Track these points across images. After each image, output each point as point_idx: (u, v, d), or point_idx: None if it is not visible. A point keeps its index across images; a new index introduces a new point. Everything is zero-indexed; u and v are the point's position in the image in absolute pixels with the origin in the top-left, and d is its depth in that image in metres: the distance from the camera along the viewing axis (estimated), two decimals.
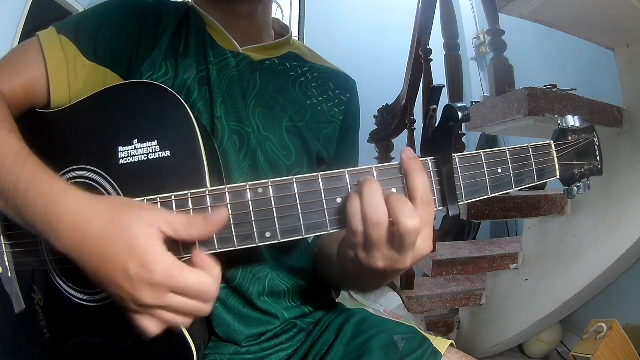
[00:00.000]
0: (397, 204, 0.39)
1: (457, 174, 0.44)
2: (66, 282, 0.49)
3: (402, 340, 0.57)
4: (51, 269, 0.50)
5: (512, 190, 0.45)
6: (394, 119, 1.88)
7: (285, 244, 0.43)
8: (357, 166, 0.74)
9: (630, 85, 1.27)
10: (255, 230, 0.42)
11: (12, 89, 0.52)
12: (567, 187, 0.50)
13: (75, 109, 0.51)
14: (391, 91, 1.97)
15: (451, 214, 0.42)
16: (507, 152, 0.46)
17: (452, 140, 0.40)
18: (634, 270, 1.48)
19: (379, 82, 2.49)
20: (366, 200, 0.39)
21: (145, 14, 0.60)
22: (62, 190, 0.41)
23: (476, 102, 1.62)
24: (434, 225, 0.43)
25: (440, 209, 0.44)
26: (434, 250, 1.55)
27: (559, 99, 1.15)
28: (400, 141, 1.92)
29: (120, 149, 0.46)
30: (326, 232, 0.42)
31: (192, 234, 0.40)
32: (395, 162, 0.43)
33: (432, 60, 1.65)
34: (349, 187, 0.42)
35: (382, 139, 1.94)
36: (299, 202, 0.42)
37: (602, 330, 1.22)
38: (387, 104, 1.98)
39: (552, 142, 0.49)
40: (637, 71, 1.25)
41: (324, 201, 0.42)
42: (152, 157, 0.45)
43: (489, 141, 2.70)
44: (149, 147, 0.45)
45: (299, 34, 3.48)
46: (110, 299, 0.46)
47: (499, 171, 0.45)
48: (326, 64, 0.74)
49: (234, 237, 0.42)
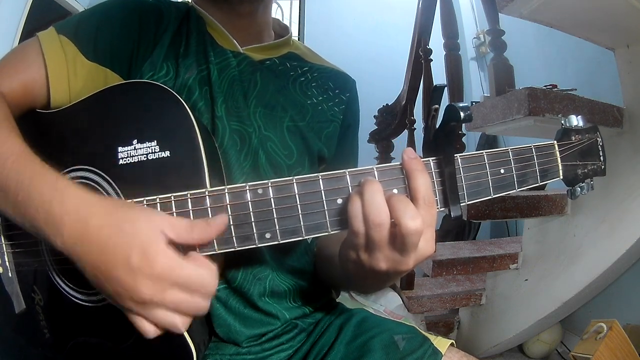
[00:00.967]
0: (398, 205, 0.38)
1: (459, 174, 0.43)
2: (66, 282, 0.49)
3: (403, 340, 0.57)
4: (51, 269, 0.50)
5: (514, 191, 0.45)
6: (394, 119, 1.88)
7: (285, 244, 0.43)
8: (357, 164, 0.75)
9: (630, 85, 1.27)
10: (255, 231, 0.42)
11: (11, 89, 0.52)
12: (571, 188, 0.50)
13: (74, 109, 0.51)
14: (391, 91, 1.97)
15: (453, 215, 0.42)
16: (510, 152, 0.45)
17: (454, 140, 0.40)
18: (634, 270, 1.48)
19: (379, 82, 2.49)
20: (367, 201, 0.39)
21: (146, 13, 0.59)
22: (66, 186, 0.41)
23: (476, 102, 1.62)
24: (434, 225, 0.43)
25: (442, 209, 0.43)
26: (433, 252, 1.55)
27: (559, 99, 1.15)
28: (400, 141, 1.92)
29: (119, 149, 0.46)
30: (327, 234, 0.42)
31: (193, 238, 0.40)
32: (396, 163, 0.43)
33: (432, 60, 1.65)
34: (350, 187, 0.42)
35: (382, 139, 1.94)
36: (299, 202, 0.41)
37: (602, 330, 1.22)
38: (387, 104, 1.98)
39: (555, 142, 0.48)
40: (637, 71, 1.25)
41: (325, 202, 0.42)
42: (151, 157, 0.45)
43: (489, 141, 2.70)
44: (149, 147, 0.45)
45: (299, 34, 3.48)
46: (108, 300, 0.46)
47: (502, 171, 0.45)
48: (326, 64, 0.74)
49: (234, 238, 0.42)
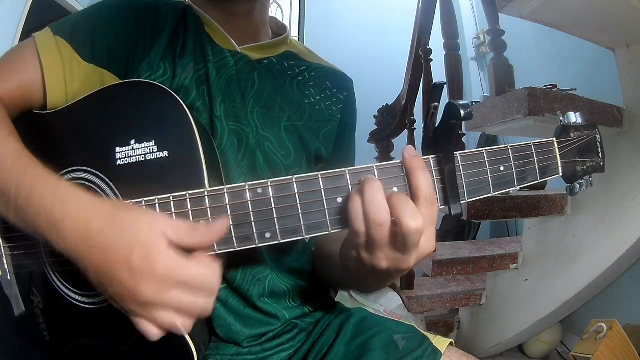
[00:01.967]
0: (399, 204, 0.38)
1: (459, 172, 0.43)
2: (65, 284, 0.49)
3: (402, 339, 0.57)
4: (50, 271, 0.50)
5: (514, 188, 0.45)
6: (394, 119, 1.88)
7: (284, 244, 0.42)
8: (354, 163, 0.75)
9: (630, 85, 1.27)
10: (254, 231, 0.41)
11: (8, 91, 0.52)
12: (570, 185, 0.50)
13: (72, 110, 0.51)
14: (391, 91, 1.97)
15: (453, 213, 0.42)
16: (510, 149, 0.45)
17: (454, 138, 0.40)
18: (634, 270, 1.48)
19: (379, 82, 2.49)
20: (367, 200, 0.39)
21: (143, 13, 0.59)
22: (67, 189, 0.41)
23: (476, 102, 1.62)
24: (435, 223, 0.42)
25: (442, 207, 0.43)
26: (434, 250, 1.55)
27: (559, 99, 1.15)
28: (400, 141, 1.92)
29: (117, 149, 0.45)
30: (327, 233, 0.42)
31: (194, 241, 0.39)
32: (396, 161, 0.43)
33: (432, 60, 1.64)
34: (350, 186, 0.42)
35: (382, 139, 1.94)
36: (299, 202, 0.41)
37: (602, 330, 1.21)
38: (387, 104, 1.98)
39: (554, 139, 0.48)
40: (637, 71, 1.25)
41: (325, 201, 0.41)
42: (149, 157, 0.45)
43: (488, 141, 2.70)
44: (147, 147, 0.45)
45: (299, 34, 3.48)
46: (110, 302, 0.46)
47: (502, 169, 0.45)
48: (323, 63, 0.74)
49: (234, 238, 0.41)
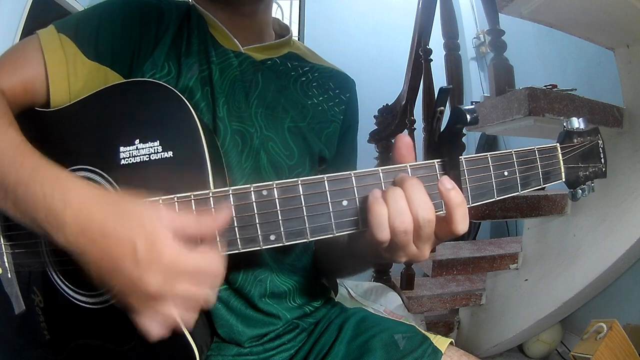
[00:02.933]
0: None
1: (463, 176, 0.43)
2: (67, 283, 0.49)
3: (403, 339, 0.57)
4: (51, 270, 0.50)
5: (517, 193, 0.45)
6: (394, 119, 1.87)
7: (288, 245, 0.42)
8: (356, 165, 0.75)
9: (630, 85, 1.28)
10: (259, 233, 0.41)
11: (11, 86, 0.52)
12: (572, 190, 0.50)
13: (75, 108, 0.51)
14: (391, 91, 1.97)
15: None
16: (514, 154, 0.45)
17: (459, 143, 0.40)
18: (634, 270, 1.48)
19: (379, 82, 2.49)
20: (392, 208, 0.39)
21: (146, 12, 0.59)
22: (67, 179, 0.40)
23: (476, 102, 1.62)
24: None
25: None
26: (434, 250, 1.55)
27: (559, 99, 1.15)
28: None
29: (121, 149, 0.45)
30: (332, 236, 0.42)
31: (199, 230, 0.39)
32: (400, 165, 0.43)
33: (432, 60, 1.64)
34: (355, 189, 0.42)
35: (382, 139, 1.93)
36: (304, 204, 0.41)
37: (602, 330, 1.22)
38: (387, 104, 1.97)
39: (558, 144, 0.49)
40: (637, 71, 1.25)
41: (330, 204, 0.42)
42: (154, 157, 0.44)
43: (489, 141, 2.71)
44: (151, 147, 0.45)
45: (299, 34, 3.48)
46: (111, 301, 0.46)
47: (505, 174, 0.45)
48: (326, 64, 0.74)
49: (238, 239, 0.41)
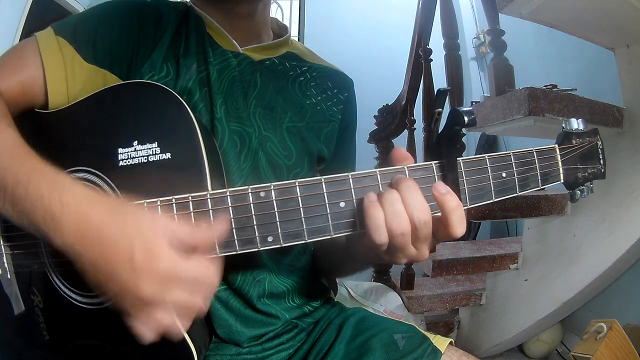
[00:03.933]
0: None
1: (461, 177, 0.43)
2: (65, 284, 0.49)
3: (402, 338, 0.57)
4: (51, 271, 0.50)
5: (516, 194, 0.45)
6: (394, 119, 1.87)
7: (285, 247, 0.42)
8: (355, 164, 0.75)
9: (630, 85, 1.27)
10: (257, 234, 0.41)
11: (9, 88, 0.52)
12: (571, 191, 0.50)
13: (74, 109, 0.51)
14: (391, 91, 1.97)
15: None
16: (512, 156, 0.45)
17: (458, 145, 0.40)
18: (634, 270, 1.48)
19: (379, 82, 2.49)
20: (389, 212, 0.39)
21: (144, 14, 0.59)
22: (65, 182, 0.40)
23: (476, 102, 1.62)
24: None
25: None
26: (434, 250, 1.55)
27: (559, 99, 1.15)
28: (400, 141, 1.92)
29: (119, 150, 0.45)
30: (329, 237, 0.42)
31: (195, 240, 0.39)
32: (397, 167, 0.43)
33: (432, 60, 1.64)
34: (352, 190, 0.42)
35: (382, 139, 1.93)
36: (301, 206, 0.41)
37: (602, 330, 1.22)
38: (387, 104, 1.97)
39: (556, 145, 0.49)
40: (637, 71, 1.25)
41: (327, 205, 0.42)
42: (152, 159, 0.45)
43: (489, 141, 2.71)
44: (149, 148, 0.45)
45: (299, 34, 3.48)
46: (106, 304, 0.46)
47: (504, 175, 0.45)
48: (324, 63, 0.74)
49: (236, 241, 0.41)
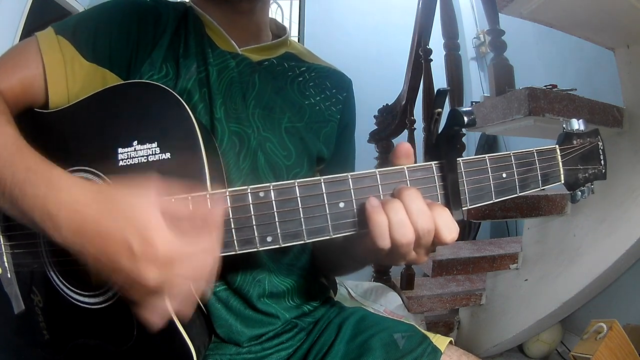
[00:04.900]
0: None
1: (461, 178, 0.43)
2: (66, 283, 0.49)
3: (402, 338, 0.57)
4: (51, 270, 0.50)
5: (516, 195, 0.45)
6: (394, 119, 1.87)
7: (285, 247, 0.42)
8: (354, 164, 0.75)
9: (630, 85, 1.27)
10: (256, 234, 0.41)
11: (10, 86, 0.52)
12: (571, 192, 0.50)
13: (74, 109, 0.51)
14: (391, 91, 1.97)
15: (455, 219, 0.42)
16: (512, 156, 0.45)
17: (457, 145, 0.40)
18: (634, 270, 1.48)
19: (379, 82, 2.49)
20: (393, 221, 0.40)
21: (144, 14, 0.59)
22: (60, 178, 0.40)
23: (476, 102, 1.62)
24: None
25: None
26: (434, 250, 1.55)
27: (559, 99, 1.15)
28: (400, 141, 1.92)
29: (119, 150, 0.45)
30: (328, 237, 0.42)
31: (192, 214, 0.39)
32: (397, 167, 0.43)
33: (432, 60, 1.64)
34: (352, 191, 0.42)
35: (382, 139, 1.93)
36: (300, 206, 0.41)
37: (602, 330, 1.22)
38: (387, 104, 1.97)
39: (557, 146, 0.48)
40: (637, 71, 1.25)
41: (327, 206, 0.41)
42: (152, 159, 0.44)
43: (489, 141, 2.71)
44: (149, 148, 0.45)
45: (299, 34, 3.48)
46: (115, 297, 0.46)
47: (504, 176, 0.45)
48: (322, 63, 0.74)
49: (235, 241, 0.41)
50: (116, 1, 0.60)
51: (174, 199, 0.41)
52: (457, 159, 0.43)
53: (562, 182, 0.49)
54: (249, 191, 0.41)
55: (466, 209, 0.43)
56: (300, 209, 0.41)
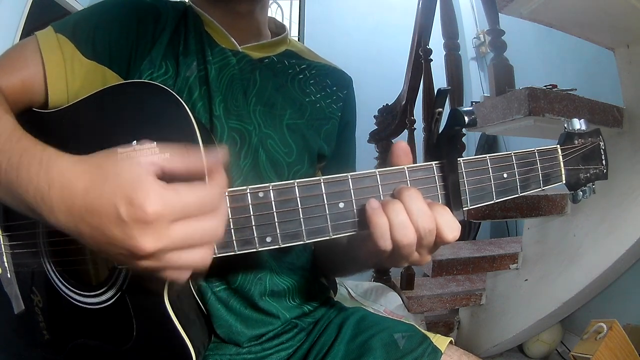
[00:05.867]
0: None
1: (462, 178, 0.43)
2: (65, 284, 0.49)
3: (402, 338, 0.57)
4: (50, 270, 0.50)
5: (517, 195, 0.45)
6: (394, 119, 1.87)
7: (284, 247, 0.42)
8: (355, 162, 0.75)
9: (630, 85, 1.27)
10: (255, 235, 0.41)
11: (10, 85, 0.52)
12: (573, 192, 0.50)
13: (73, 109, 0.51)
14: (391, 91, 1.97)
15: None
16: (513, 156, 0.45)
17: (458, 145, 0.39)
18: (634, 270, 1.48)
19: (379, 82, 2.49)
20: (394, 222, 0.40)
21: (143, 13, 0.59)
22: (51, 155, 0.38)
23: (476, 102, 1.62)
24: None
25: None
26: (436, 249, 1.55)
27: (559, 99, 1.15)
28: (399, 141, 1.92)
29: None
30: (328, 238, 0.42)
31: (186, 164, 0.36)
32: (397, 167, 0.43)
33: (432, 60, 1.64)
34: (352, 191, 0.42)
35: (382, 139, 1.93)
36: (300, 206, 0.41)
37: (602, 330, 1.22)
38: (387, 104, 1.97)
39: (558, 146, 0.48)
40: (637, 71, 1.25)
41: (326, 206, 0.41)
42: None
43: (489, 141, 2.71)
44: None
45: (299, 34, 3.48)
46: (110, 301, 0.46)
47: (505, 176, 0.45)
48: (323, 61, 0.74)
49: (234, 241, 0.41)
50: (116, 0, 0.60)
51: (168, 155, 0.38)
52: (458, 159, 0.43)
53: (564, 182, 0.48)
54: (248, 191, 0.41)
55: (467, 208, 0.43)
56: (299, 210, 0.41)
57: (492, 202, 0.44)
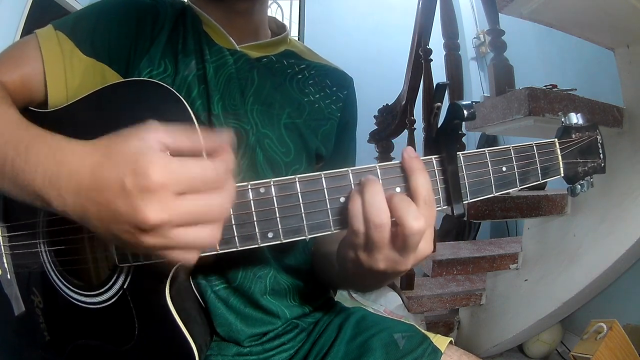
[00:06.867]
0: (401, 204, 0.38)
1: (461, 172, 0.43)
2: (66, 284, 0.49)
3: (402, 338, 0.57)
4: (51, 271, 0.50)
5: (516, 189, 0.45)
6: (394, 119, 1.88)
7: (286, 243, 0.42)
8: (355, 162, 0.75)
9: (630, 85, 1.28)
10: (257, 230, 0.41)
11: (11, 80, 0.52)
12: (571, 185, 0.50)
13: (73, 108, 0.51)
14: (391, 91, 1.97)
15: (456, 213, 0.42)
16: (512, 150, 0.45)
17: (457, 138, 0.40)
18: (634, 270, 1.48)
19: (379, 82, 2.50)
20: (367, 202, 0.39)
21: (142, 11, 0.60)
22: (62, 139, 0.39)
23: (476, 102, 1.62)
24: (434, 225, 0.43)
25: (444, 208, 0.43)
26: (434, 250, 1.55)
27: (559, 99, 1.15)
28: (400, 141, 1.92)
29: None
30: (329, 232, 0.42)
31: (193, 140, 0.36)
32: (398, 161, 0.43)
33: (432, 60, 1.65)
34: (352, 186, 0.42)
35: (382, 139, 1.94)
36: (301, 201, 0.41)
37: (602, 330, 1.22)
38: (387, 104, 1.98)
39: (556, 139, 0.48)
40: (637, 71, 1.25)
41: (327, 200, 0.41)
42: None
43: (489, 141, 2.71)
44: None
45: (299, 34, 3.49)
46: (111, 301, 0.46)
47: (504, 169, 0.45)
48: (323, 61, 0.74)
49: (236, 237, 0.41)
50: None
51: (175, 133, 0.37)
52: (457, 153, 0.43)
53: (562, 175, 0.49)
54: (250, 187, 0.41)
55: (467, 202, 0.43)
56: (301, 205, 0.41)
57: (492, 196, 0.44)
